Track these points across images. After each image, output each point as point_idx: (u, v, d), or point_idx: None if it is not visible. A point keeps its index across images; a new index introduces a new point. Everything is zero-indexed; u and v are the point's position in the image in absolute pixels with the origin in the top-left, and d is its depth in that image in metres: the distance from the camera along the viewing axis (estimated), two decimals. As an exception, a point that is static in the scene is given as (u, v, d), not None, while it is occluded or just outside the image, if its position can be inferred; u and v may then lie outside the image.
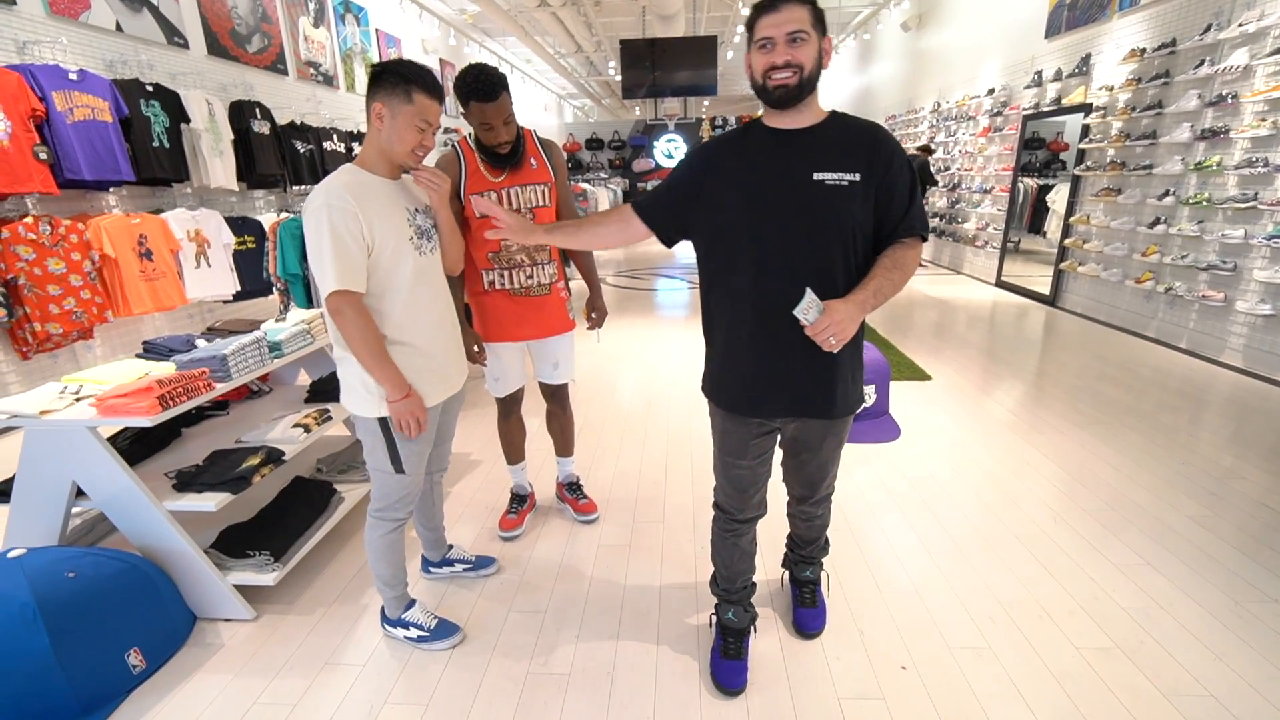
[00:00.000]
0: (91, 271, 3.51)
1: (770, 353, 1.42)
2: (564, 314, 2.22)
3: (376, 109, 1.48)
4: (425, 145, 1.55)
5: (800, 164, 1.34)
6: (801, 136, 1.36)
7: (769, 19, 1.28)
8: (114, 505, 1.81)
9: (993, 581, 2.05)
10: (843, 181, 1.32)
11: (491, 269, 2.08)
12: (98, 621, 1.65)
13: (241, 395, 2.59)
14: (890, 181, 1.34)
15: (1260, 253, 3.90)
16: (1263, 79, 3.88)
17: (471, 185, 1.98)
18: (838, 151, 1.34)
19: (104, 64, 3.80)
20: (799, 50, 1.28)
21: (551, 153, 2.10)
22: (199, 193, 4.31)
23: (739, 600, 1.72)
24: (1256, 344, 3.95)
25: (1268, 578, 2.03)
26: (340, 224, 1.44)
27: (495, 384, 2.25)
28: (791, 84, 1.29)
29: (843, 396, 1.47)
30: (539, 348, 2.23)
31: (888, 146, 1.36)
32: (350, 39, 6.56)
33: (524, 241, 1.63)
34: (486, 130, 1.90)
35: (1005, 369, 4.28)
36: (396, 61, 1.50)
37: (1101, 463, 2.85)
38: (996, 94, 6.91)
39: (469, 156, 1.99)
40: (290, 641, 1.85)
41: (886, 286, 1.34)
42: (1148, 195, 4.78)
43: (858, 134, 1.37)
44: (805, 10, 1.28)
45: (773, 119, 1.40)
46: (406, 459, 1.67)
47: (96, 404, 1.72)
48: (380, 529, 1.74)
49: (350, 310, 1.47)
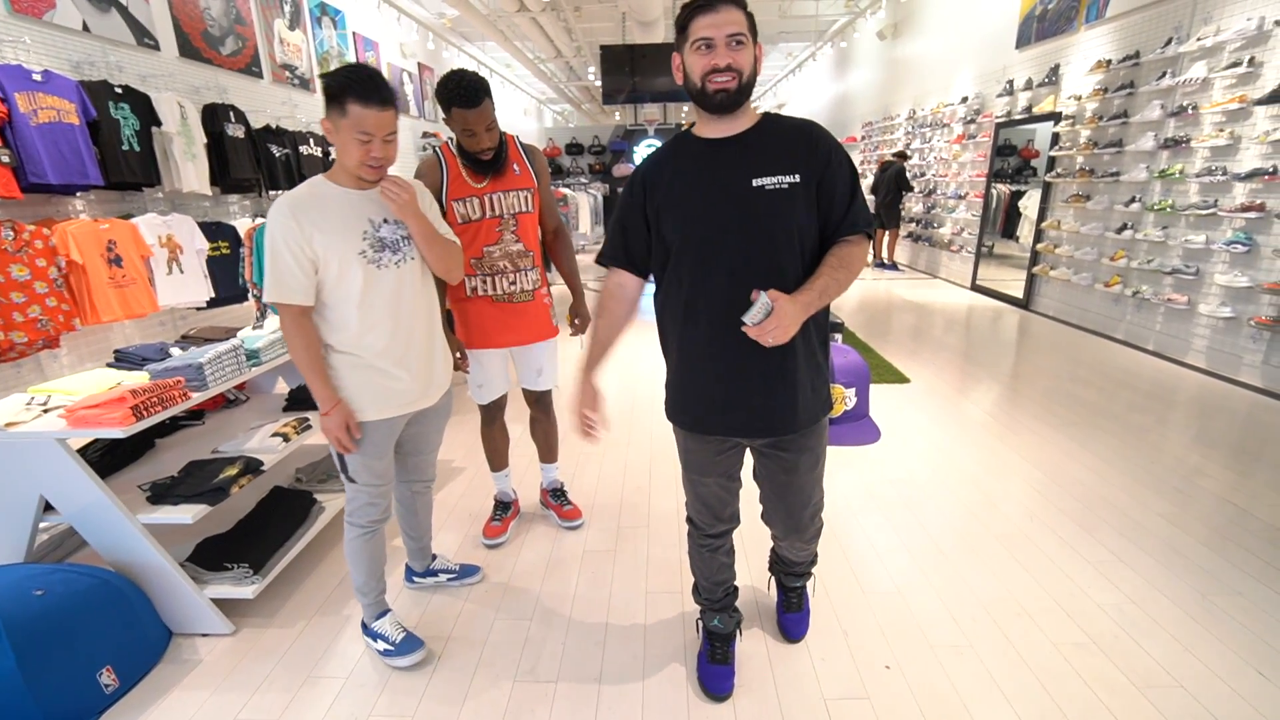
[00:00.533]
0: (58, 278, 3.41)
1: (725, 370, 1.38)
2: (547, 320, 2.21)
3: (325, 124, 1.47)
4: (376, 156, 1.46)
5: (738, 172, 1.30)
6: (736, 143, 1.32)
7: (707, 19, 1.23)
8: (85, 519, 1.76)
9: (973, 580, 2.09)
10: (782, 185, 1.28)
11: (474, 275, 2.06)
12: (68, 640, 1.60)
13: (217, 404, 2.54)
14: (830, 179, 1.31)
15: (1220, 258, 4.04)
16: (1220, 91, 4.03)
17: (453, 191, 1.97)
18: (774, 154, 1.30)
19: (70, 65, 3.70)
20: (739, 54, 1.24)
21: (534, 158, 2.10)
22: (171, 197, 4.21)
23: (723, 607, 1.71)
24: (1218, 345, 4.09)
25: (1232, 571, 2.10)
26: (279, 237, 1.46)
27: (478, 391, 2.23)
28: (732, 88, 1.25)
29: (805, 407, 1.41)
30: (522, 354, 2.22)
31: (824, 143, 1.32)
32: (327, 42, 6.48)
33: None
34: (469, 136, 1.89)
35: (981, 371, 4.37)
36: (333, 71, 1.43)
37: (1075, 463, 2.92)
38: (970, 102, 7.07)
39: (450, 162, 1.98)
40: (270, 655, 1.81)
41: (832, 286, 1.30)
42: (1115, 201, 4.92)
43: (793, 134, 1.33)
44: (741, 14, 1.25)
45: (706, 127, 1.35)
46: (354, 469, 1.66)
47: (66, 415, 1.67)
48: (351, 533, 1.75)
49: (285, 320, 1.52)
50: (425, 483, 1.97)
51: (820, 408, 1.46)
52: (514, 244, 2.06)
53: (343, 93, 1.40)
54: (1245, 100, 3.82)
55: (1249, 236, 3.82)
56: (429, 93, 9.17)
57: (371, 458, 1.67)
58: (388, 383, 1.63)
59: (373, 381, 1.61)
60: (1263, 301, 3.76)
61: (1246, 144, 3.86)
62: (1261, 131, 3.73)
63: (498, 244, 2.03)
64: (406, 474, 1.93)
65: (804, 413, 1.42)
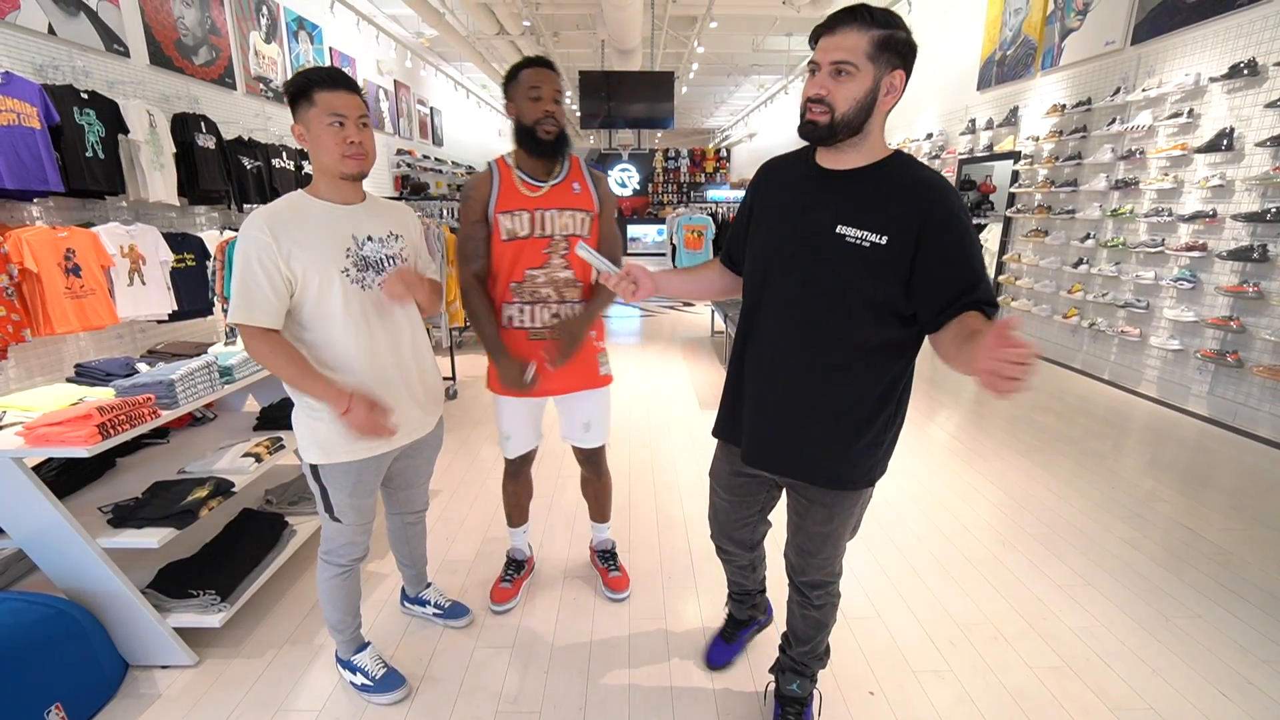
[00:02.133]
0: (9, 287, 3.25)
1: (744, 391, 1.38)
2: (594, 366, 1.92)
3: (296, 131, 1.43)
4: (353, 140, 1.41)
5: (828, 212, 1.18)
6: (843, 180, 1.20)
7: (824, 40, 1.14)
8: (38, 543, 1.66)
9: (949, 604, 2.13)
10: (864, 242, 1.14)
11: (512, 302, 1.81)
12: (14, 676, 1.49)
13: (183, 423, 2.44)
14: (931, 251, 1.11)
15: (1169, 293, 4.28)
16: (1164, 138, 4.31)
17: (502, 203, 1.75)
18: (874, 205, 1.15)
19: (33, 68, 3.58)
20: (840, 85, 1.11)
21: (599, 183, 1.87)
22: (135, 206, 4.07)
23: (738, 599, 1.84)
24: (1168, 376, 4.31)
25: (1190, 593, 2.19)
26: (253, 254, 1.36)
27: (505, 443, 1.96)
28: (821, 123, 1.14)
29: (818, 462, 1.31)
30: (565, 404, 1.95)
31: (941, 209, 1.10)
32: (303, 56, 6.41)
33: (638, 294, 1.34)
34: (533, 100, 1.68)
35: (948, 398, 4.51)
36: (290, 81, 1.42)
37: (1039, 487, 3.02)
38: (935, 138, 7.39)
39: (504, 173, 1.78)
40: (236, 688, 1.72)
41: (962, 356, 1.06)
42: (1071, 237, 5.18)
43: (907, 189, 1.14)
44: (864, 37, 1.09)
45: (823, 155, 1.24)
46: (340, 509, 1.58)
47: (25, 433, 1.58)
48: (326, 571, 1.66)
49: (254, 342, 1.39)
50: (417, 513, 1.91)
51: (847, 475, 1.32)
52: (562, 270, 1.79)
53: (308, 85, 1.38)
54: (1186, 148, 4.09)
55: (1193, 274, 4.06)
56: (405, 110, 9.14)
57: (359, 497, 1.59)
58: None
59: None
60: (1207, 335, 3.99)
61: (1189, 188, 4.12)
62: (1201, 177, 3.99)
63: (543, 268, 1.78)
64: (397, 506, 1.87)
65: (815, 467, 1.32)
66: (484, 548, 2.46)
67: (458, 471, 3.16)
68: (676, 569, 2.33)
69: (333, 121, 1.39)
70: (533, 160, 1.77)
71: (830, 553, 1.44)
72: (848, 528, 1.42)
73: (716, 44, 10.29)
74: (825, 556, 1.44)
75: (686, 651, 1.89)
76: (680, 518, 2.71)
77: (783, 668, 1.62)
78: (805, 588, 1.49)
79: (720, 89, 15.08)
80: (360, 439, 1.48)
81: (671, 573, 2.31)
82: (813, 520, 1.40)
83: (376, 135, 8.99)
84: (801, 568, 1.48)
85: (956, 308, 1.11)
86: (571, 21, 9.49)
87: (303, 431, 1.52)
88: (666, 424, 3.88)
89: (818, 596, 1.49)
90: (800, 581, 1.50)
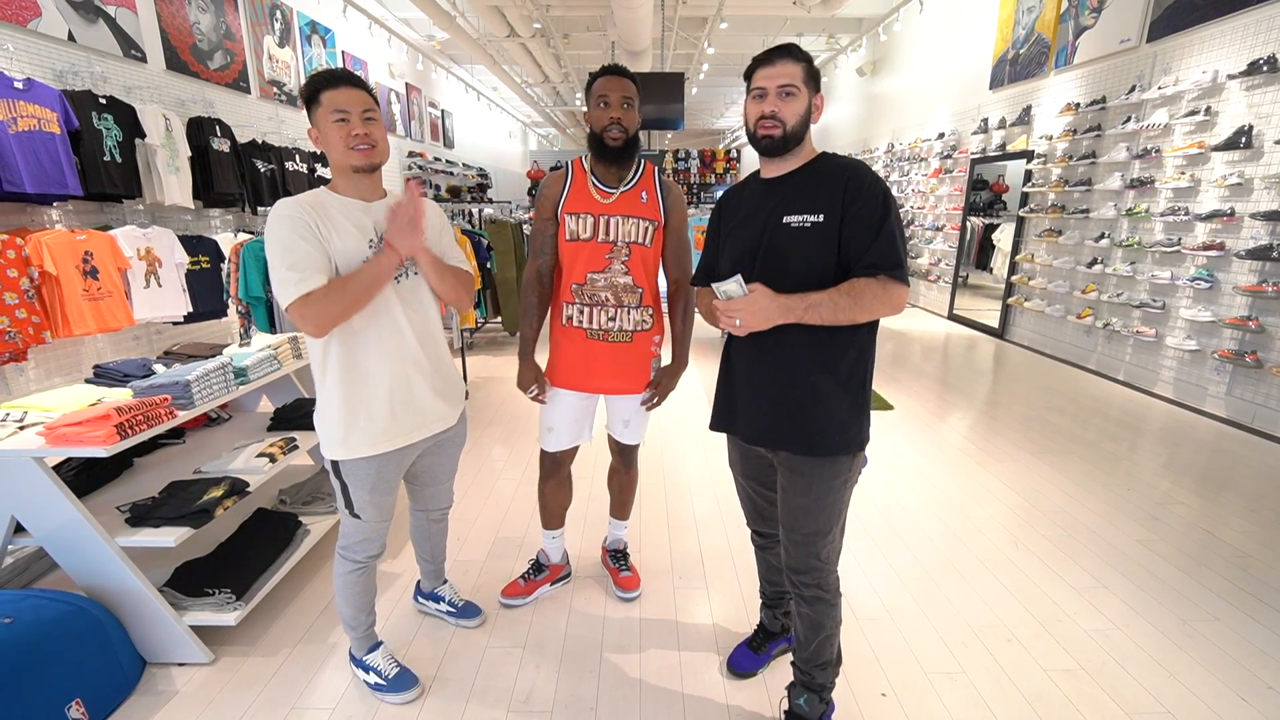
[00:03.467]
0: (29, 289, 3.30)
1: (730, 376, 1.55)
2: (644, 370, 1.92)
3: (312, 135, 1.48)
4: (358, 133, 1.43)
5: (775, 209, 1.40)
6: (783, 182, 1.42)
7: (764, 71, 1.37)
8: (58, 541, 1.68)
9: (962, 606, 2.11)
10: (806, 223, 1.35)
11: (573, 302, 1.85)
12: (35, 672, 1.52)
13: (199, 423, 2.47)
14: (853, 216, 1.31)
15: (1185, 293, 4.22)
16: (1180, 136, 4.26)
17: (571, 204, 1.79)
18: (809, 194, 1.37)
19: (54, 74, 3.64)
20: (787, 104, 1.35)
21: (669, 194, 1.86)
22: (151, 209, 4.13)
23: (771, 604, 1.84)
24: (1184, 377, 4.25)
25: (1208, 596, 2.16)
26: (291, 231, 1.38)
27: (547, 435, 1.97)
28: (775, 135, 1.36)
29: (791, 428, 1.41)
30: (613, 401, 1.98)
31: (857, 182, 1.33)
32: (316, 60, 6.48)
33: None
34: (601, 107, 1.72)
35: (961, 399, 4.47)
36: (304, 85, 1.47)
37: (1053, 488, 2.99)
38: (946, 138, 7.34)
39: (578, 174, 1.82)
40: (251, 686, 1.74)
41: (826, 306, 1.30)
42: (1085, 237, 5.12)
43: (833, 174, 1.37)
44: (799, 67, 1.36)
45: (764, 167, 1.47)
46: (360, 505, 1.59)
47: (45, 433, 1.61)
48: (343, 567, 1.67)
49: (314, 307, 1.35)
50: (442, 510, 1.93)
51: (818, 443, 1.40)
52: (622, 275, 1.81)
53: (315, 89, 1.43)
54: (1203, 146, 4.03)
55: (1211, 273, 4.00)
56: (416, 113, 9.20)
57: (380, 494, 1.60)
58: (399, 407, 1.55)
59: (380, 407, 1.53)
60: (1225, 335, 3.93)
61: (1206, 186, 4.07)
62: (1219, 175, 3.94)
63: (603, 272, 1.81)
64: (422, 504, 1.88)
65: (790, 433, 1.41)
66: (495, 548, 2.47)
67: (469, 472, 3.17)
68: (688, 569, 2.33)
69: (338, 117, 1.42)
70: (603, 166, 1.80)
71: (812, 528, 1.45)
72: (829, 501, 1.43)
73: (726, 45, 10.28)
74: (808, 532, 1.45)
75: (698, 653, 1.89)
76: (691, 518, 2.71)
77: (793, 681, 1.61)
78: (792, 574, 1.51)
79: (730, 90, 15.05)
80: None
81: (683, 572, 2.30)
82: (793, 492, 1.46)
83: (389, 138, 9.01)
84: (788, 550, 1.51)
85: (857, 269, 1.32)
86: (582, 23, 9.52)
87: (324, 428, 1.54)
88: (677, 425, 3.88)
89: (805, 587, 1.49)
90: (788, 568, 1.52)
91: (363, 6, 7.41)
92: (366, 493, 1.58)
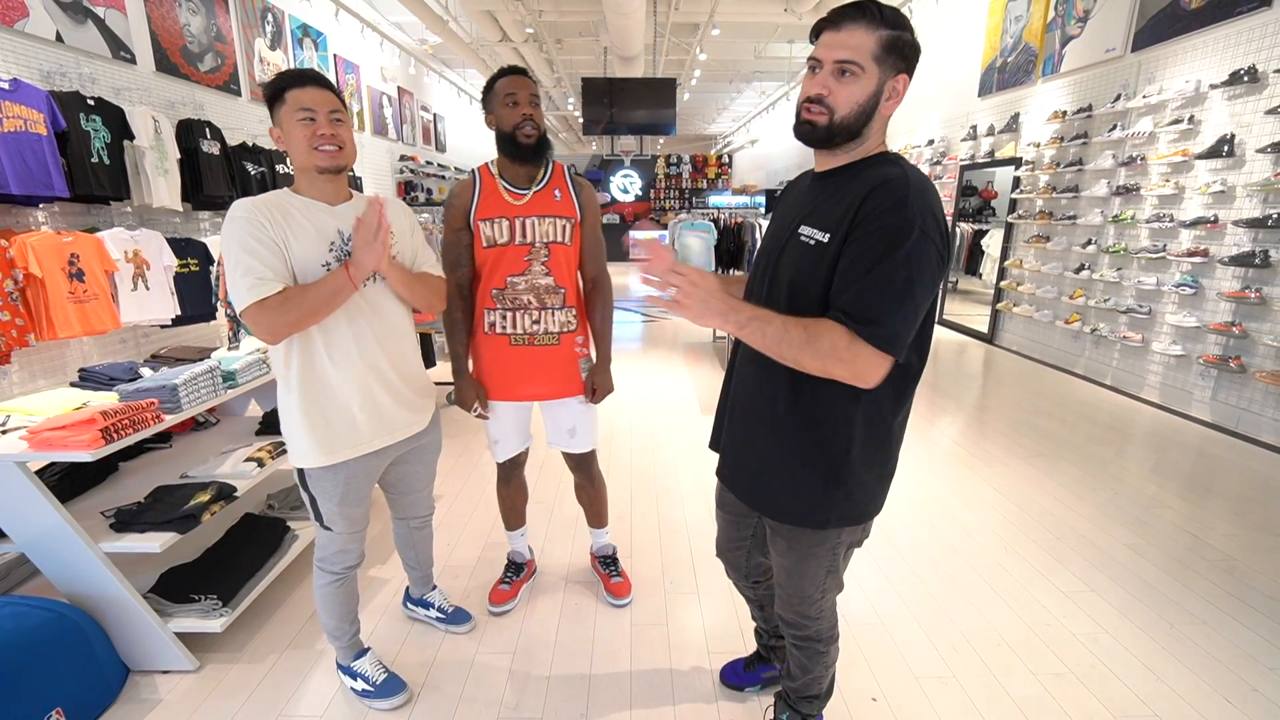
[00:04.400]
0: (13, 292, 3.26)
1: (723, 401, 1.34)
2: (574, 372, 1.91)
3: (274, 135, 1.44)
4: (323, 134, 1.40)
5: (798, 214, 1.16)
6: (823, 181, 1.16)
7: (827, 36, 1.06)
8: (40, 547, 1.66)
9: (952, 610, 2.12)
10: (812, 240, 1.10)
11: (494, 309, 1.82)
12: (15, 681, 1.49)
13: (186, 427, 2.44)
14: (853, 242, 1.03)
15: (1171, 299, 4.27)
16: (1165, 144, 4.32)
17: (483, 210, 1.77)
18: (831, 204, 1.10)
19: (41, 75, 3.60)
20: (842, 86, 1.04)
21: (581, 191, 1.87)
22: (139, 212, 4.09)
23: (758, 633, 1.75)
24: (1170, 381, 4.30)
25: (1195, 600, 2.18)
26: (248, 234, 1.34)
27: (494, 448, 1.98)
28: (819, 124, 1.07)
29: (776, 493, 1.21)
30: (550, 410, 1.96)
31: (874, 203, 1.02)
32: (308, 63, 6.45)
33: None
34: (510, 106, 1.71)
35: (951, 404, 4.50)
36: (267, 84, 1.44)
37: (1042, 493, 3.01)
38: (936, 144, 7.41)
39: (486, 180, 1.80)
40: (237, 694, 1.72)
41: (771, 329, 1.02)
42: (1073, 243, 5.18)
43: (859, 184, 1.07)
44: (871, 37, 1.02)
45: (816, 158, 1.19)
46: (330, 517, 1.56)
47: (29, 437, 1.59)
48: (321, 579, 1.65)
49: (269, 314, 1.32)
50: (422, 518, 1.90)
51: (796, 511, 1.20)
52: (543, 277, 1.81)
53: (279, 89, 1.40)
54: (1187, 154, 4.10)
55: (1195, 279, 4.06)
56: (408, 117, 9.18)
57: (348, 505, 1.56)
58: (359, 413, 1.51)
59: (340, 414, 1.49)
60: (1210, 341, 3.98)
61: (1190, 194, 4.13)
62: (1203, 183, 4.00)
63: (524, 275, 1.80)
64: (401, 512, 1.86)
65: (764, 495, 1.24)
66: (485, 553, 2.46)
67: (459, 477, 3.16)
68: (679, 575, 2.32)
69: (303, 117, 1.39)
70: (515, 167, 1.78)
71: (794, 589, 1.30)
72: (810, 567, 1.27)
73: (718, 51, 10.34)
74: (790, 591, 1.32)
75: (689, 661, 1.89)
76: (682, 524, 2.71)
77: (779, 695, 1.54)
78: (781, 622, 1.40)
79: (722, 95, 15.14)
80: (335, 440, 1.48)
81: (674, 579, 2.30)
82: (775, 548, 1.31)
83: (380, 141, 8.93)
84: (779, 599, 1.38)
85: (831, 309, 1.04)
86: (574, 28, 9.55)
87: (288, 436, 1.51)
88: (669, 430, 3.88)
89: (794, 636, 1.38)
90: (777, 613, 1.41)
91: (355, 10, 7.40)
92: (335, 504, 1.54)
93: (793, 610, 1.34)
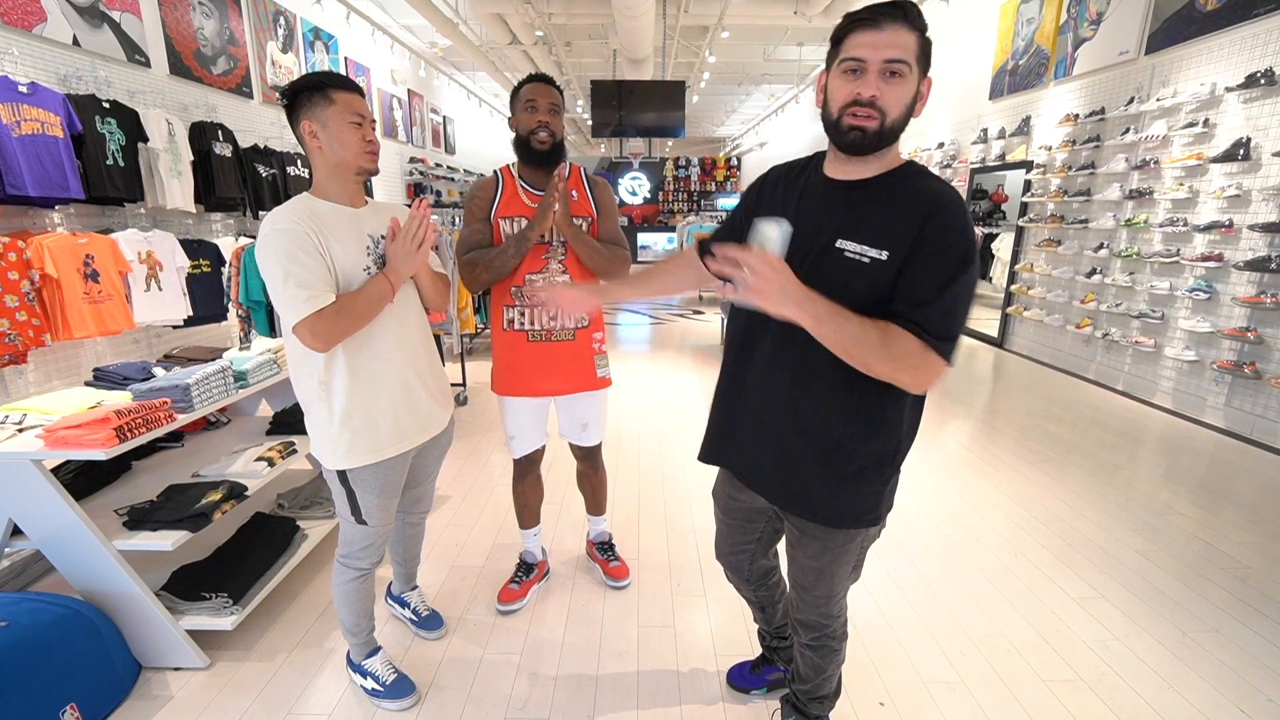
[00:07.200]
0: (30, 292, 3.31)
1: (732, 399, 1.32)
2: (591, 367, 1.97)
3: (306, 129, 1.41)
4: (371, 139, 1.47)
5: (831, 224, 1.10)
6: (849, 191, 1.11)
7: (866, 36, 1.00)
8: (56, 545, 1.68)
9: (961, 615, 2.11)
10: (863, 258, 1.05)
11: (513, 305, 1.88)
12: (30, 676, 1.51)
13: (197, 427, 2.47)
14: (921, 259, 1.02)
15: (1184, 303, 4.23)
16: (1179, 148, 4.28)
17: (504, 208, 1.84)
18: (878, 218, 1.06)
19: (58, 78, 3.66)
20: (892, 87, 1.01)
21: (598, 190, 1.93)
22: (153, 213, 4.14)
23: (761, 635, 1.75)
24: (1183, 387, 4.26)
25: (1207, 607, 2.15)
26: (295, 246, 1.35)
27: (511, 443, 2.03)
28: (871, 128, 1.03)
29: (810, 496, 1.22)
30: (565, 404, 2.02)
31: (941, 223, 1.02)
32: (319, 66, 6.51)
33: (588, 306, 1.51)
34: (529, 111, 1.77)
35: (960, 408, 4.47)
36: (298, 79, 1.43)
37: (1052, 498, 2.98)
38: (946, 147, 7.38)
39: (508, 181, 1.87)
40: (247, 691, 1.73)
41: (849, 328, 1.01)
42: (1085, 247, 5.14)
43: (915, 201, 1.04)
44: (913, 37, 1.00)
45: (833, 164, 1.14)
46: (368, 511, 1.58)
47: (44, 435, 1.61)
48: (344, 575, 1.66)
49: (322, 324, 1.35)
50: (422, 514, 1.93)
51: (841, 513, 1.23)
52: (560, 275, 1.86)
53: (324, 84, 1.41)
54: (1202, 158, 4.06)
55: (1209, 284, 4.02)
56: (418, 119, 9.24)
57: (387, 496, 1.60)
58: (401, 411, 1.56)
59: (384, 413, 1.53)
60: (1223, 346, 3.94)
61: (1204, 198, 4.09)
62: (1218, 187, 3.95)
63: (541, 272, 1.85)
64: (406, 505, 1.87)
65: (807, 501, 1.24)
66: (494, 553, 2.46)
67: (468, 477, 3.17)
68: (686, 578, 2.32)
69: (355, 120, 1.44)
70: (531, 170, 1.86)
71: (824, 591, 1.32)
72: (842, 566, 1.30)
73: (728, 54, 10.34)
74: (819, 594, 1.33)
75: (696, 663, 1.88)
76: (690, 525, 2.71)
77: (786, 699, 1.55)
78: (800, 626, 1.40)
79: (731, 98, 15.14)
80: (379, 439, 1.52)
81: (681, 581, 2.30)
82: (805, 552, 1.31)
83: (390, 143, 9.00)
84: (796, 603, 1.39)
85: (900, 320, 1.02)
86: (584, 31, 9.58)
87: (323, 441, 1.53)
88: (676, 431, 3.88)
89: (812, 638, 1.39)
90: (795, 618, 1.41)
91: (366, 13, 7.46)
92: (375, 497, 1.58)
93: (818, 612, 1.36)
